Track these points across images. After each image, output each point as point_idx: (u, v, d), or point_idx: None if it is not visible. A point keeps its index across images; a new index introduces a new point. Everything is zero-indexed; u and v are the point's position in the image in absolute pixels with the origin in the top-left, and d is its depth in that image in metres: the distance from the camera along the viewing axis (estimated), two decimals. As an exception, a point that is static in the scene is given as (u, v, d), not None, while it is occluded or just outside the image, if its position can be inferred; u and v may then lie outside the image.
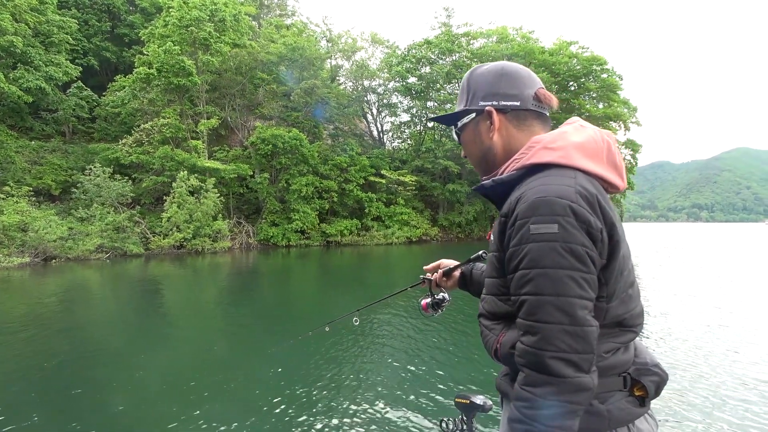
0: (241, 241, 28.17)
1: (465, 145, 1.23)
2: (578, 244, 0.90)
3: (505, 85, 1.14)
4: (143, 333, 7.94)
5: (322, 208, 30.80)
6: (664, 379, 1.08)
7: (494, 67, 1.16)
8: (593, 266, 0.92)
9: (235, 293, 12.70)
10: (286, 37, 33.12)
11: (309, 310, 9.90)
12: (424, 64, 38.27)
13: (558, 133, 1.05)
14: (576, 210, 0.91)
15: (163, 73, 25.14)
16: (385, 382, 5.14)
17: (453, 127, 1.25)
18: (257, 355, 6.40)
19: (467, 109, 1.17)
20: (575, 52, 40.54)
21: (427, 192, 36.05)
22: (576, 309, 0.90)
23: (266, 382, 5.22)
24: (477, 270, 1.57)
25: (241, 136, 31.99)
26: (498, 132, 1.14)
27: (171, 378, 5.46)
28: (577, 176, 0.98)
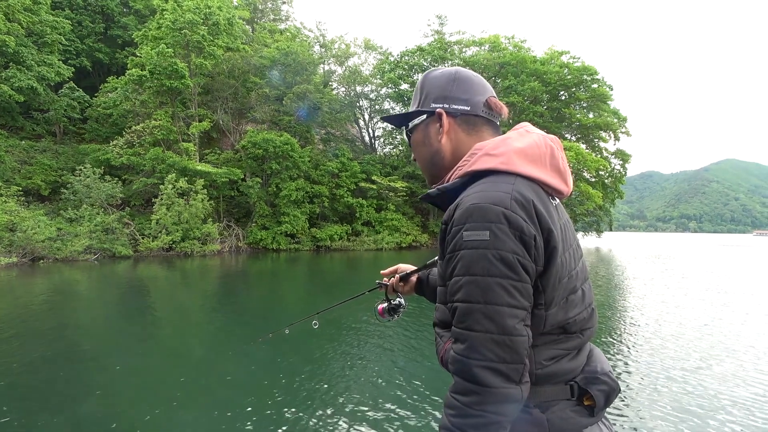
0: (231, 245, 28.18)
1: (414, 147, 1.22)
2: (509, 252, 0.89)
3: (456, 89, 1.14)
4: (124, 335, 8.02)
5: (313, 213, 30.90)
6: (614, 388, 1.04)
7: (448, 71, 1.18)
8: (525, 274, 0.91)
9: (219, 296, 12.78)
10: (280, 42, 33.34)
11: (288, 313, 10.01)
12: (417, 71, 38.66)
13: (501, 140, 1.05)
14: (509, 217, 0.90)
15: (155, 75, 25.21)
16: (351, 387, 5.29)
17: (404, 129, 1.25)
18: (231, 358, 6.52)
19: (419, 111, 1.18)
20: (566, 61, 41.13)
21: (417, 198, 36.25)
22: (505, 318, 0.89)
23: (238, 385, 5.35)
24: (433, 276, 1.55)
25: (232, 139, 32.06)
26: (447, 135, 1.14)
27: (145, 380, 5.56)
28: (516, 182, 0.97)
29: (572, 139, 42.22)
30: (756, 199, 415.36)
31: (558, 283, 0.97)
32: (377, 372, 5.71)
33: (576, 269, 1.04)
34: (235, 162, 29.81)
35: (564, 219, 1.07)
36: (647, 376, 5.53)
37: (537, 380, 0.98)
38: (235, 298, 12.37)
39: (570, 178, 1.08)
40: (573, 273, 1.02)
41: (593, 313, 1.09)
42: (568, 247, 1.02)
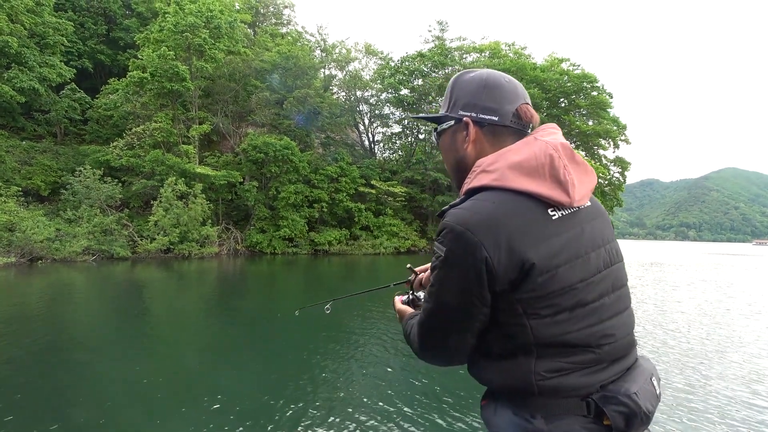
0: (229, 247, 28.22)
1: (442, 150, 1.23)
2: (454, 274, 0.98)
3: (486, 98, 1.11)
4: (120, 337, 8.05)
5: (312, 217, 30.95)
6: (635, 412, 0.97)
7: (479, 76, 1.14)
8: (469, 299, 0.98)
9: (217, 299, 12.82)
10: (281, 46, 33.52)
11: (287, 317, 10.05)
12: (417, 77, 38.82)
13: (499, 154, 1.05)
14: (467, 239, 0.95)
15: (156, 77, 25.35)
16: (363, 389, 5.33)
17: (434, 129, 1.25)
18: (228, 360, 6.56)
19: (447, 116, 1.17)
20: (566, 69, 41.32)
21: (416, 203, 36.34)
22: (436, 323, 1.07)
23: (234, 387, 5.39)
24: None
25: (232, 142, 32.17)
26: (473, 144, 1.13)
27: (139, 381, 5.59)
28: (499, 200, 0.98)
29: (571, 146, 42.21)
30: (756, 209, 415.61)
31: (546, 297, 0.97)
32: (379, 374, 5.75)
33: (589, 281, 1.01)
34: (234, 165, 29.90)
35: (575, 229, 1.03)
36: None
37: (540, 391, 0.97)
38: (233, 301, 12.41)
39: (575, 188, 1.02)
40: (580, 285, 0.99)
41: (618, 327, 1.05)
42: (575, 259, 0.99)
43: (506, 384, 1.02)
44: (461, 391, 5.23)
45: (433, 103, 39.33)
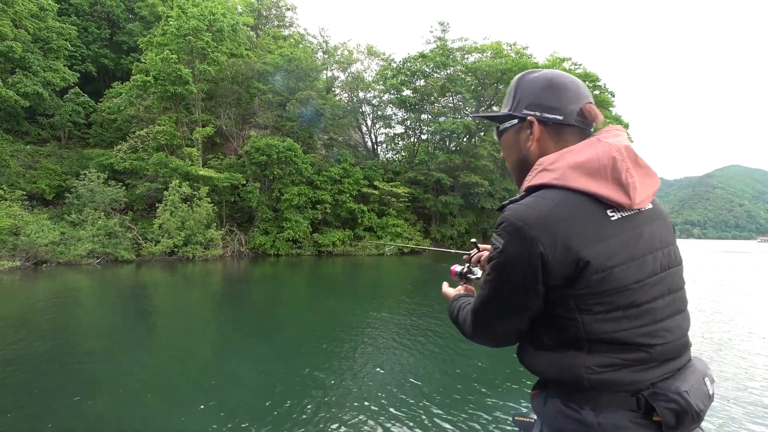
0: (233, 249, 28.27)
1: (504, 148, 1.26)
2: (510, 265, 1.03)
3: (550, 97, 1.14)
4: (125, 338, 8.07)
5: (315, 219, 30.97)
6: (686, 410, 0.98)
7: (543, 76, 1.17)
8: (524, 291, 1.03)
9: (222, 300, 12.83)
10: (283, 48, 33.56)
11: (294, 317, 10.05)
12: (419, 77, 38.79)
13: (561, 153, 1.08)
14: (524, 234, 0.99)
15: (159, 81, 25.44)
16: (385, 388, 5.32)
17: (496, 127, 1.28)
18: (239, 360, 6.56)
19: (511, 114, 1.20)
20: (568, 68, 41.15)
21: (419, 204, 36.32)
22: (490, 309, 1.14)
23: (248, 387, 5.38)
24: None
25: (235, 144, 32.23)
26: (537, 143, 1.16)
27: (146, 384, 5.61)
28: (559, 198, 1.02)
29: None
30: (760, 206, 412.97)
31: (599, 294, 1.00)
32: (387, 369, 5.74)
33: (644, 282, 1.03)
34: (237, 167, 29.95)
35: (634, 231, 1.05)
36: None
37: (591, 384, 1.01)
38: (239, 303, 12.42)
39: (637, 190, 1.04)
40: (635, 286, 1.02)
41: (672, 328, 1.07)
42: (631, 260, 1.02)
43: (557, 375, 1.06)
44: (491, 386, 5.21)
45: (435, 104, 39.32)
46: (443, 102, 40.44)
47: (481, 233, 38.83)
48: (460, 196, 36.13)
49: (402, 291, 15.11)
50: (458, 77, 39.53)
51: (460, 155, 36.86)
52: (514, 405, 4.89)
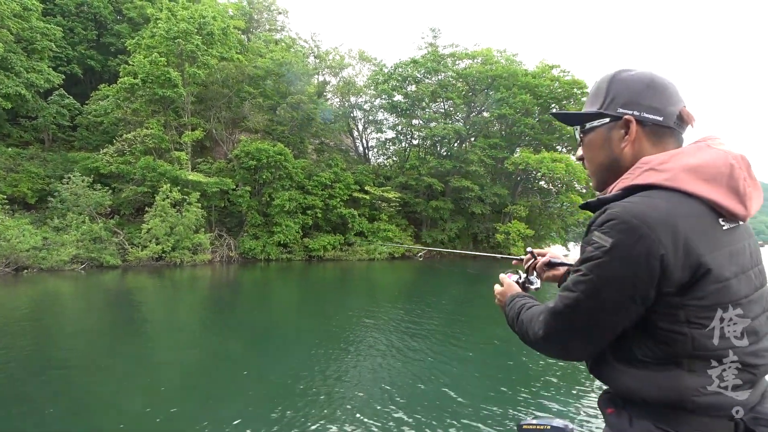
0: (222, 254, 27.83)
1: (589, 148, 1.18)
2: (619, 270, 0.93)
3: (651, 97, 1.08)
4: (104, 346, 7.74)
5: (305, 223, 30.68)
6: None
7: (642, 75, 1.11)
8: (630, 296, 0.93)
9: (210, 306, 12.50)
10: (274, 52, 33.33)
11: (284, 323, 9.79)
12: (410, 83, 38.82)
13: (671, 154, 1.03)
14: (641, 234, 0.91)
15: (148, 83, 25.01)
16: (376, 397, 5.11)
17: (577, 127, 1.20)
18: (225, 367, 6.30)
19: (602, 113, 1.13)
20: (557, 75, 41.60)
21: (410, 209, 36.20)
22: (578, 315, 1.01)
23: (234, 395, 5.13)
24: None
25: (225, 148, 31.84)
26: (632, 144, 1.10)
27: (123, 392, 5.33)
28: (674, 201, 0.96)
29: (563, 151, 42.55)
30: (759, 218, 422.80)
31: (713, 307, 0.93)
32: (385, 378, 5.53)
33: (750, 298, 0.97)
34: (227, 172, 29.56)
35: (740, 244, 1.00)
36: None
37: (694, 407, 0.93)
38: (228, 308, 12.10)
39: (753, 201, 1.00)
40: (744, 301, 0.95)
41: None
42: (741, 273, 0.97)
43: (654, 395, 0.95)
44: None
45: (426, 109, 39.33)
46: (434, 107, 40.50)
47: (471, 238, 38.87)
48: (450, 201, 36.11)
49: (393, 295, 14.92)
50: (449, 83, 39.66)
51: (450, 160, 36.88)
52: (513, 412, 4.72)
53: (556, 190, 40.80)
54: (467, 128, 39.50)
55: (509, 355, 7.44)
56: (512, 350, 7.52)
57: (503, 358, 7.45)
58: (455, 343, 8.12)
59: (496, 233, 35.89)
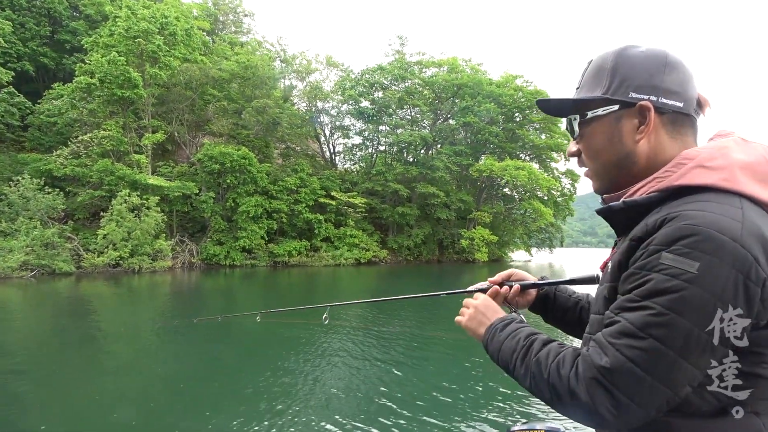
0: (184, 260, 27.10)
1: (592, 142, 0.96)
2: (714, 298, 0.71)
3: (669, 79, 0.88)
4: (51, 357, 7.45)
5: (270, 228, 30.31)
6: None
7: (656, 52, 0.90)
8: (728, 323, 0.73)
9: (168, 314, 12.18)
10: (240, 55, 32.90)
11: (245, 331, 9.66)
12: (377, 89, 39.14)
13: (717, 148, 0.84)
14: (735, 253, 0.71)
15: (106, 83, 24.18)
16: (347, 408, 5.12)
17: (573, 117, 0.98)
18: (183, 378, 6.18)
19: (608, 98, 0.91)
20: (520, 85, 42.89)
21: (377, 214, 36.36)
22: (671, 370, 0.74)
23: (191, 408, 5.06)
24: (563, 293, 1.29)
25: (188, 152, 31.09)
26: (647, 136, 0.89)
27: (77, 407, 5.17)
28: (744, 207, 0.77)
29: (526, 159, 43.83)
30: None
31: None
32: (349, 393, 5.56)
33: None
34: (190, 176, 28.85)
35: None
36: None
37: None
38: (188, 317, 11.82)
39: None
40: None
41: None
42: None
43: None
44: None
45: (393, 116, 39.68)
46: (401, 114, 40.92)
47: (437, 243, 39.34)
48: (416, 207, 36.49)
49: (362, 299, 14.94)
50: (416, 90, 40.21)
51: (417, 167, 37.32)
52: (498, 418, 4.81)
53: (519, 197, 41.90)
54: (433, 135, 40.06)
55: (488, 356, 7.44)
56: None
57: (485, 359, 7.42)
58: (432, 346, 8.20)
59: (461, 239, 36.52)
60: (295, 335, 8.55)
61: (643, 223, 0.82)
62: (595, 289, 1.13)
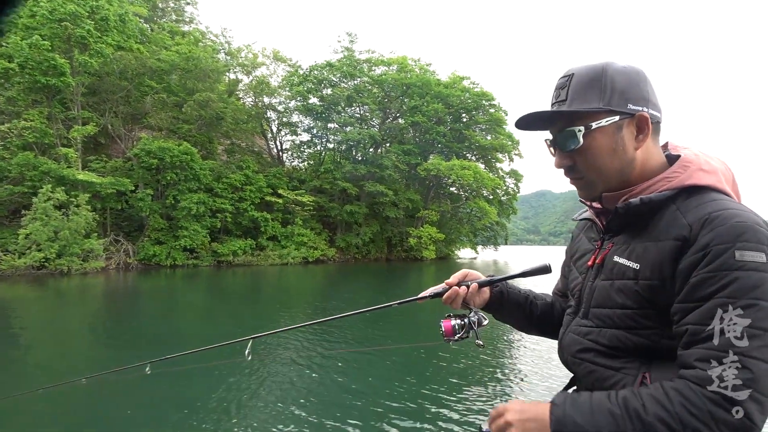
0: (119, 261, 25.59)
1: (595, 152, 0.99)
2: None
3: (651, 92, 0.99)
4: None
5: (214, 227, 29.26)
6: None
7: (635, 68, 1.00)
8: None
9: (98, 320, 11.41)
10: (181, 45, 31.42)
11: (184, 334, 9.20)
12: (326, 86, 38.75)
13: (702, 156, 0.99)
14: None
15: (27, 69, 22.29)
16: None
17: (578, 129, 0.99)
18: (111, 387, 5.76)
19: (612, 110, 0.96)
20: (467, 86, 43.89)
21: (325, 213, 36.04)
22: None
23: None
24: (513, 289, 1.34)
25: (123, 146, 29.36)
26: (644, 144, 0.99)
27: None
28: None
29: (472, 159, 44.90)
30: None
31: None
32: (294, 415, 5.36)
33: None
34: (125, 171, 27.23)
35: None
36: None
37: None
38: (119, 322, 11.10)
39: None
40: None
41: None
42: None
43: None
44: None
45: (342, 113, 39.43)
46: (350, 112, 40.75)
47: (386, 242, 39.54)
48: (365, 206, 36.49)
49: (311, 298, 14.70)
50: (365, 88, 40.16)
51: (365, 165, 37.31)
52: (474, 416, 4.77)
53: (466, 196, 42.90)
54: (382, 134, 40.21)
55: (460, 354, 7.24)
56: (465, 350, 7.35)
57: (456, 356, 7.18)
58: (391, 345, 8.11)
59: (409, 237, 36.90)
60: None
61: (683, 223, 0.89)
62: (548, 279, 1.33)
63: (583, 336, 1.04)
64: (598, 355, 1.00)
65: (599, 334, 1.01)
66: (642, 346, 0.94)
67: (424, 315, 9.43)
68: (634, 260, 0.95)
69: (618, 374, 0.96)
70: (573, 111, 0.98)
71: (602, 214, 1.10)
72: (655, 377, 0.90)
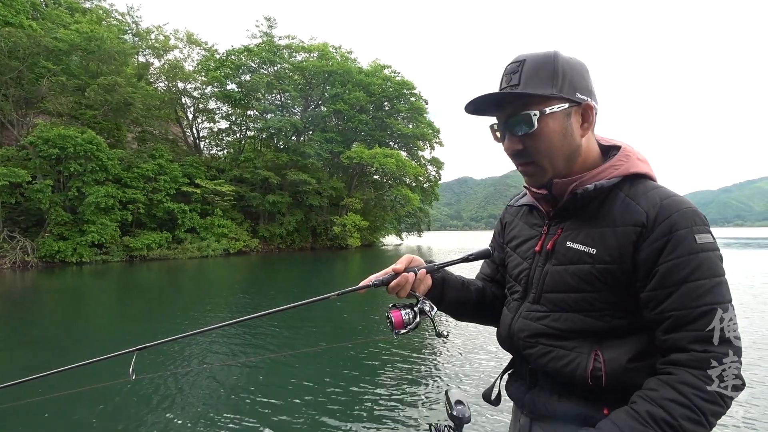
0: (15, 259, 23.56)
1: (547, 137, 1.01)
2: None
3: (592, 84, 1.05)
4: None
5: (125, 220, 27.71)
6: None
7: (578, 60, 1.04)
8: None
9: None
10: (82, 24, 29.00)
11: (91, 337, 9.06)
12: (245, 72, 37.74)
13: (634, 148, 1.08)
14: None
15: None
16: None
17: (534, 113, 0.99)
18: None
19: (563, 97, 0.99)
20: (389, 75, 44.71)
21: (246, 203, 35.37)
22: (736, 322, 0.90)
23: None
24: (450, 275, 1.30)
25: (16, 133, 26.78)
26: (588, 132, 1.05)
27: None
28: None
29: (394, 147, 46.04)
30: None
31: None
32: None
33: None
34: (19, 161, 24.90)
35: None
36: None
37: None
38: (13, 325, 10.56)
39: None
40: None
41: None
42: None
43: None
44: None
45: (262, 100, 38.67)
46: (270, 99, 40.07)
47: (310, 231, 39.64)
48: (288, 195, 36.28)
49: (236, 292, 14.68)
50: (286, 75, 39.63)
51: (287, 153, 37.04)
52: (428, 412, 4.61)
53: (389, 183, 43.96)
54: (304, 122, 40.00)
55: (406, 347, 6.98)
56: (412, 342, 7.17)
57: (402, 350, 6.87)
58: (324, 340, 8.31)
59: (334, 225, 37.29)
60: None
61: (638, 209, 0.96)
62: (488, 263, 1.39)
63: (536, 321, 1.07)
64: (551, 338, 1.04)
65: (553, 318, 1.04)
66: (595, 327, 0.99)
67: (349, 309, 9.33)
68: (590, 245, 0.99)
69: (572, 353, 1.00)
70: (529, 94, 0.99)
71: (544, 201, 1.12)
72: (607, 355, 0.97)
